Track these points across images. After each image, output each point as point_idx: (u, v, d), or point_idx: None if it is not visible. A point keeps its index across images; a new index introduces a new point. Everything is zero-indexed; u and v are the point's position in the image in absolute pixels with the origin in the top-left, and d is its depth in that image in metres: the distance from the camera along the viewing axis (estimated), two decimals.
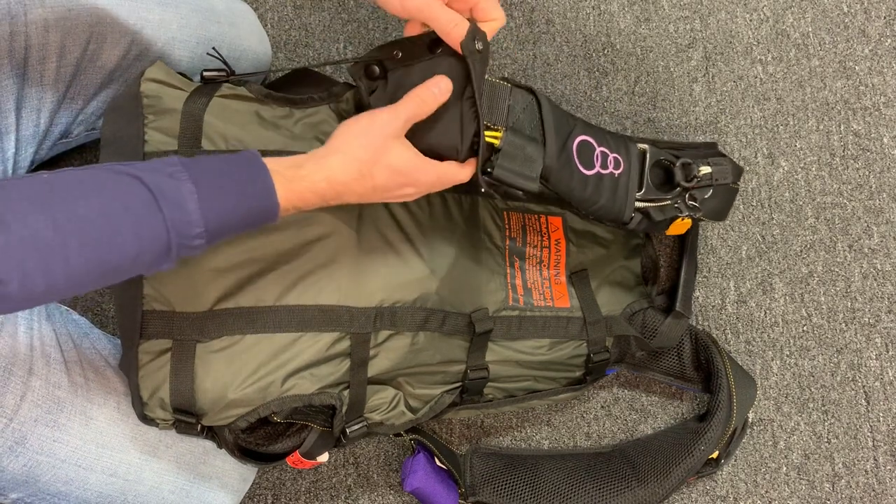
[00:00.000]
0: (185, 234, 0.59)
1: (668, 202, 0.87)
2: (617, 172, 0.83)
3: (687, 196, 0.88)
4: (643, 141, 0.87)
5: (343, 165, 0.68)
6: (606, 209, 0.83)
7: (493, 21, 0.73)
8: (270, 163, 0.65)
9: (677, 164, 0.87)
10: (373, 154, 0.68)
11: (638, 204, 0.85)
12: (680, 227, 0.90)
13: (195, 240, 0.60)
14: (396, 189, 0.72)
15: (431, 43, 0.73)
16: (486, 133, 0.75)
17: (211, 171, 0.61)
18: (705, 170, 0.88)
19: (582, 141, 0.81)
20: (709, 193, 0.89)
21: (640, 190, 0.85)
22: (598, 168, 0.82)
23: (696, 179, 0.87)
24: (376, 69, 0.75)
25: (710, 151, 0.93)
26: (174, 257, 0.60)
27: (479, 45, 0.71)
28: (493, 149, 0.76)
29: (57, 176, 0.57)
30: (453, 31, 0.70)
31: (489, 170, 0.76)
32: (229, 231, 0.62)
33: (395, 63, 0.74)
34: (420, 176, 0.72)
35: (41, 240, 0.54)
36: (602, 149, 0.83)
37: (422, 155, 0.72)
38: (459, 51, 0.70)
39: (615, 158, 0.83)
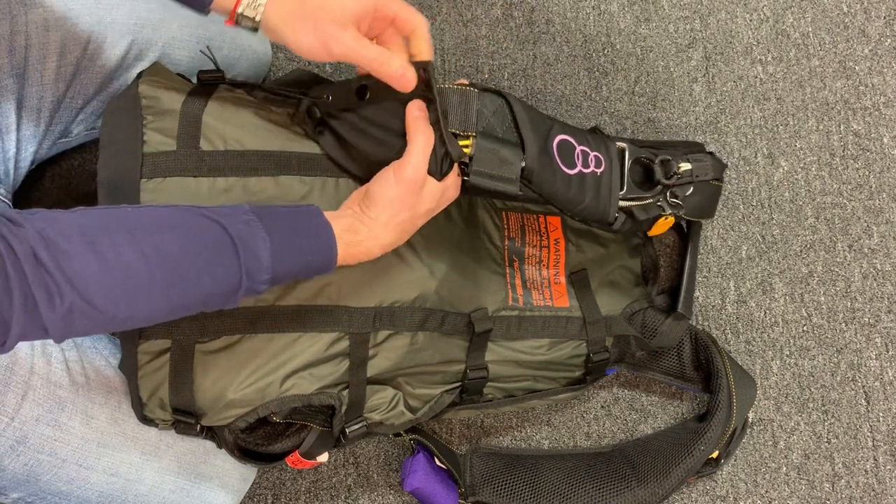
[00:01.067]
0: (255, 280, 0.62)
1: (651, 200, 0.87)
2: (599, 171, 0.83)
3: (668, 194, 0.87)
4: (620, 140, 0.87)
5: (389, 231, 0.72)
6: (591, 209, 0.83)
7: (417, 27, 0.73)
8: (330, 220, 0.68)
9: (656, 161, 0.87)
10: (412, 212, 0.72)
11: (621, 203, 0.85)
12: (662, 226, 0.91)
13: (261, 285, 0.63)
14: (431, 216, 0.76)
15: (359, 89, 0.75)
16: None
17: (281, 223, 0.65)
18: (685, 166, 0.88)
19: (562, 140, 0.81)
20: (690, 191, 0.89)
21: (621, 189, 0.85)
22: (580, 167, 0.81)
23: (675, 176, 0.87)
24: (316, 111, 0.77)
25: (690, 149, 0.92)
26: (238, 300, 0.63)
27: (422, 73, 0.72)
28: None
29: (141, 210, 0.60)
30: (380, 68, 0.70)
31: (464, 178, 0.76)
32: (289, 278, 0.66)
33: (326, 106, 0.77)
34: (446, 199, 0.76)
35: (132, 272, 0.56)
36: (582, 147, 0.82)
37: (434, 178, 0.74)
38: (391, 83, 0.71)
39: (596, 157, 0.83)
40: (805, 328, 1.07)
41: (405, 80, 0.70)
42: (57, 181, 1.02)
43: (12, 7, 0.77)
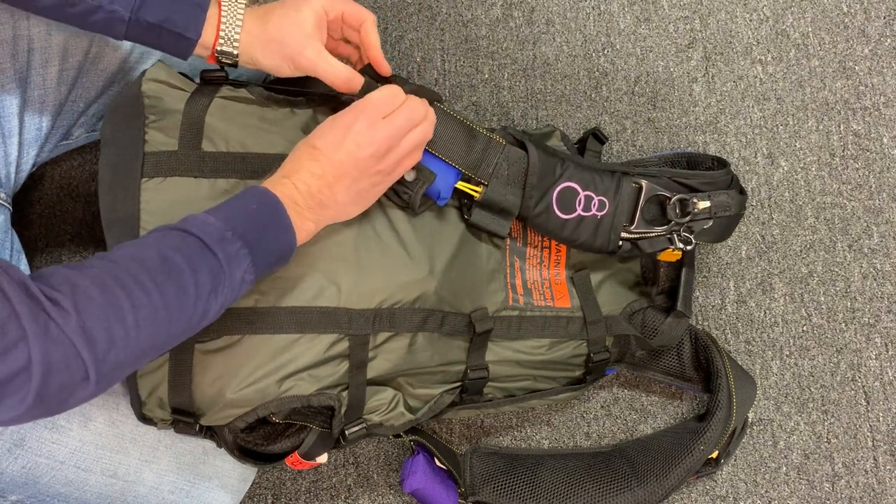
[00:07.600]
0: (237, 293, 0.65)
1: (660, 235, 0.88)
2: (600, 214, 0.86)
3: (682, 228, 0.88)
4: (645, 176, 0.88)
5: (294, 154, 0.72)
6: (587, 245, 0.88)
7: (365, 20, 0.77)
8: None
9: (672, 199, 0.87)
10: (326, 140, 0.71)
11: (626, 236, 0.88)
12: (670, 255, 0.92)
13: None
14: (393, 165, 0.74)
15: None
16: (467, 186, 0.82)
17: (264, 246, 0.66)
18: (703, 204, 0.88)
19: (564, 188, 0.85)
20: (708, 224, 0.89)
21: (631, 224, 0.87)
22: (578, 211, 0.86)
23: (690, 215, 0.87)
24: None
25: (718, 179, 0.91)
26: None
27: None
28: (471, 197, 0.83)
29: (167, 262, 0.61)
30: (331, 76, 0.74)
31: (466, 217, 0.84)
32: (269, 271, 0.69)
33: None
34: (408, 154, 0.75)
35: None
36: (587, 193, 0.86)
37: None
38: (339, 86, 0.75)
39: (600, 201, 0.86)
40: (805, 328, 1.07)
41: (351, 83, 0.75)
42: (57, 181, 1.02)
43: (15, 11, 0.77)
